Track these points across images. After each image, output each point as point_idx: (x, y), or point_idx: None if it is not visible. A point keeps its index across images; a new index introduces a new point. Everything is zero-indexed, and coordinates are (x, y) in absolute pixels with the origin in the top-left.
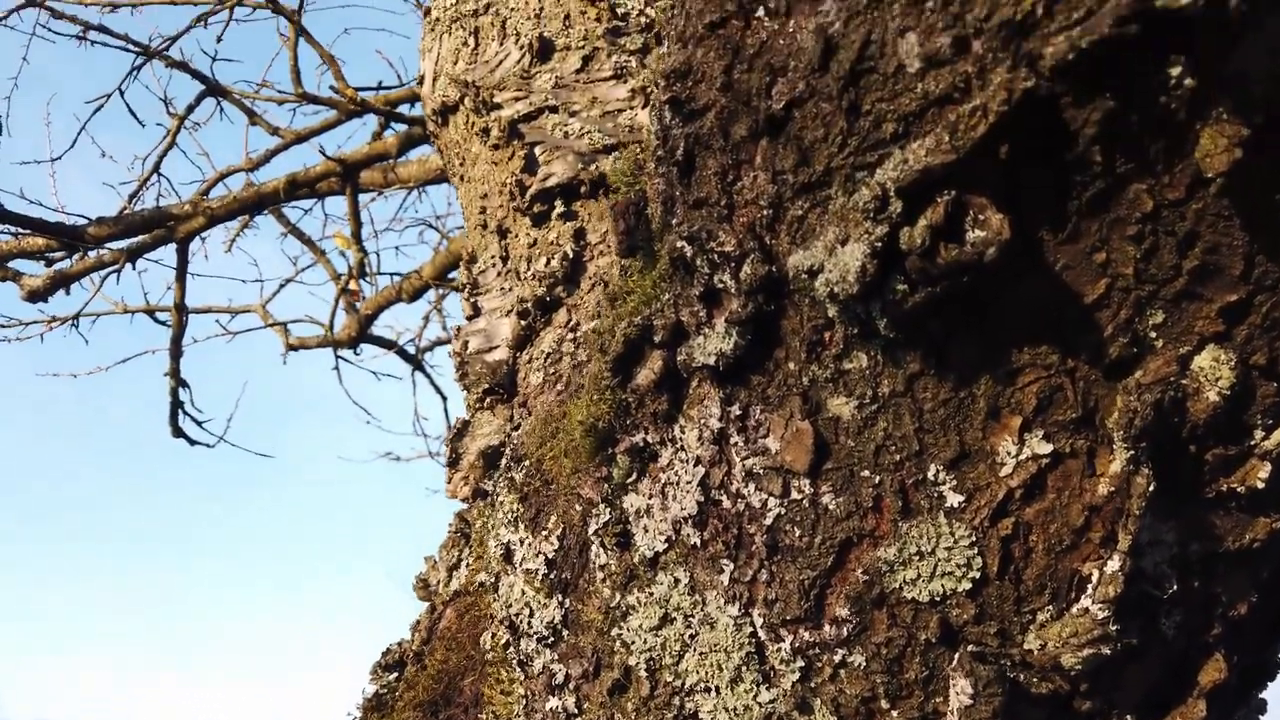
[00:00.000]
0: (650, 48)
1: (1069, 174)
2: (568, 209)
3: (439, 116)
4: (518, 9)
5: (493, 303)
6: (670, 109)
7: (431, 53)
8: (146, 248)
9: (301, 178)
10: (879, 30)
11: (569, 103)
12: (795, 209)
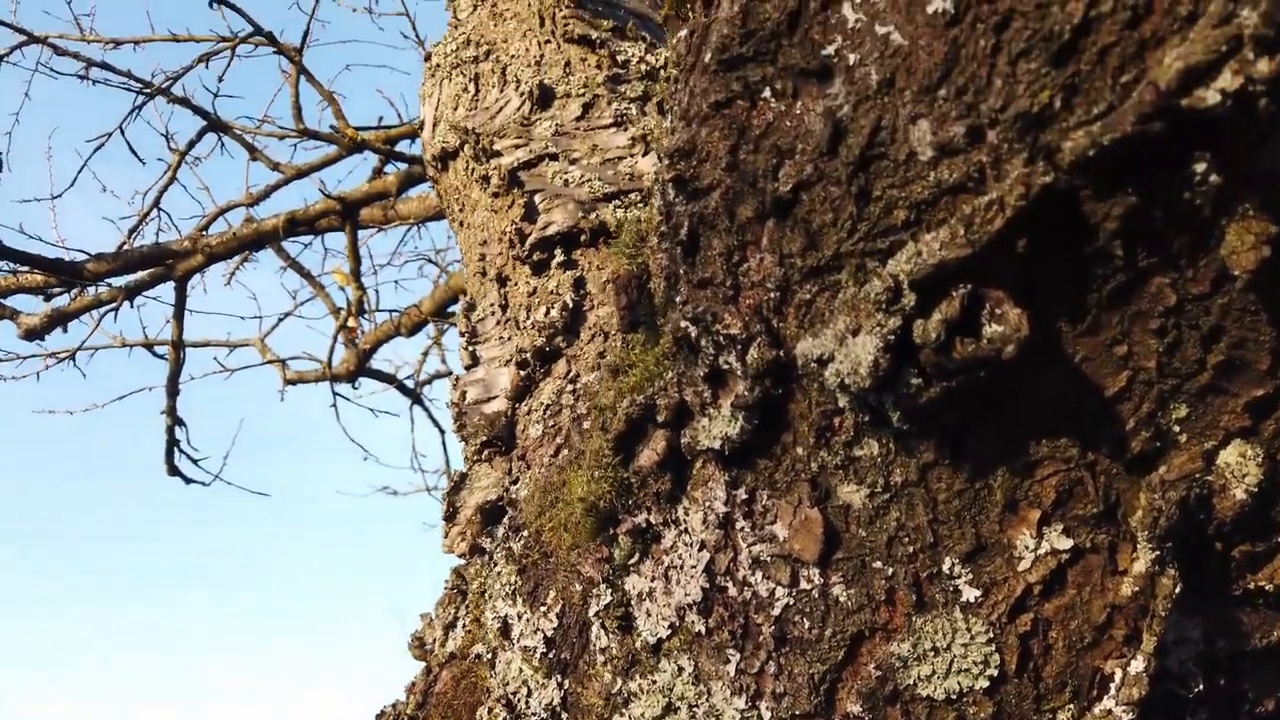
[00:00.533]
0: (650, 95)
1: (1089, 266)
2: (568, 257)
3: (439, 162)
4: (518, 56)
5: (491, 352)
6: (674, 187)
7: (431, 98)
8: (145, 286)
9: (301, 216)
10: (889, 116)
11: (569, 150)
12: (803, 293)
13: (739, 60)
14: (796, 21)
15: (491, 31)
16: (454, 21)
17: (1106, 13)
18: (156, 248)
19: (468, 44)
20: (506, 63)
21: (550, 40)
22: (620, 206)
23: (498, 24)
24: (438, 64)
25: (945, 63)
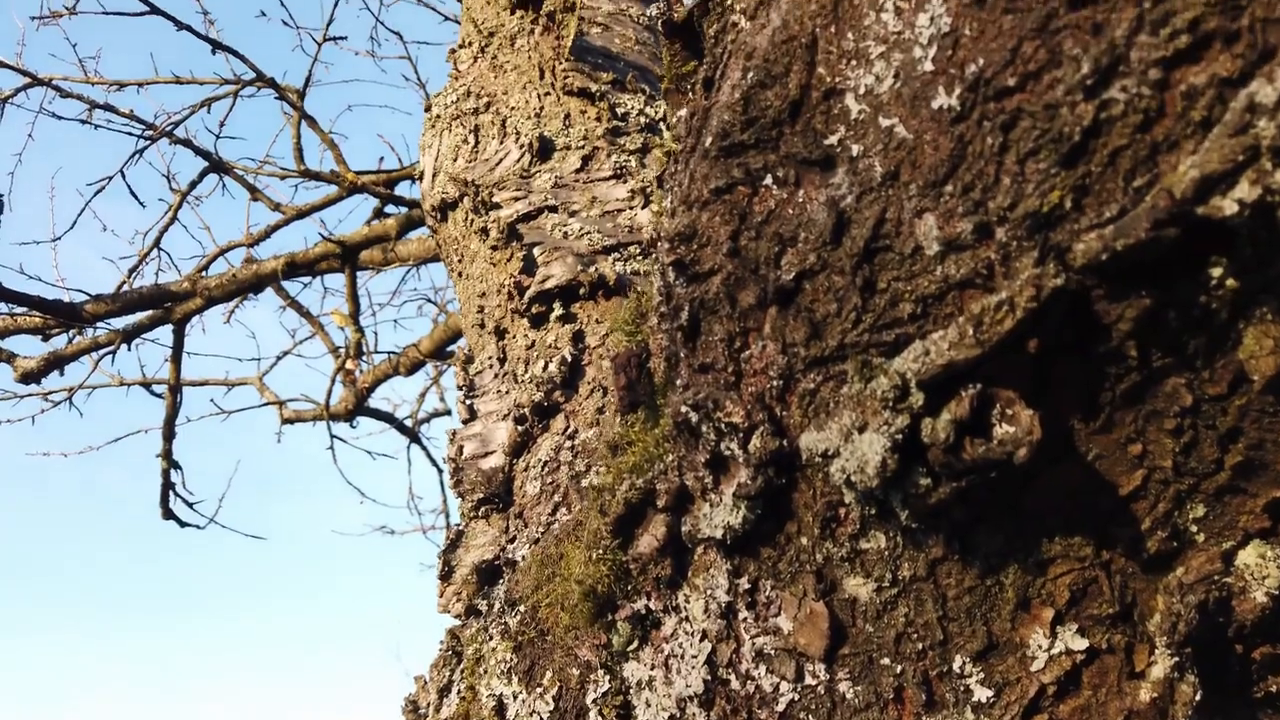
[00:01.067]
0: (650, 147)
1: (1101, 365)
2: (566, 311)
3: (438, 212)
4: (518, 108)
5: (489, 406)
6: (674, 270)
7: (431, 149)
8: (143, 329)
9: (300, 259)
10: (894, 209)
11: (568, 202)
12: (807, 382)
13: (740, 147)
14: (798, 110)
15: (492, 83)
16: (455, 73)
17: (1117, 115)
18: (156, 289)
19: (468, 95)
20: (506, 115)
21: (550, 93)
22: (620, 259)
23: (498, 76)
24: (438, 115)
25: (951, 159)
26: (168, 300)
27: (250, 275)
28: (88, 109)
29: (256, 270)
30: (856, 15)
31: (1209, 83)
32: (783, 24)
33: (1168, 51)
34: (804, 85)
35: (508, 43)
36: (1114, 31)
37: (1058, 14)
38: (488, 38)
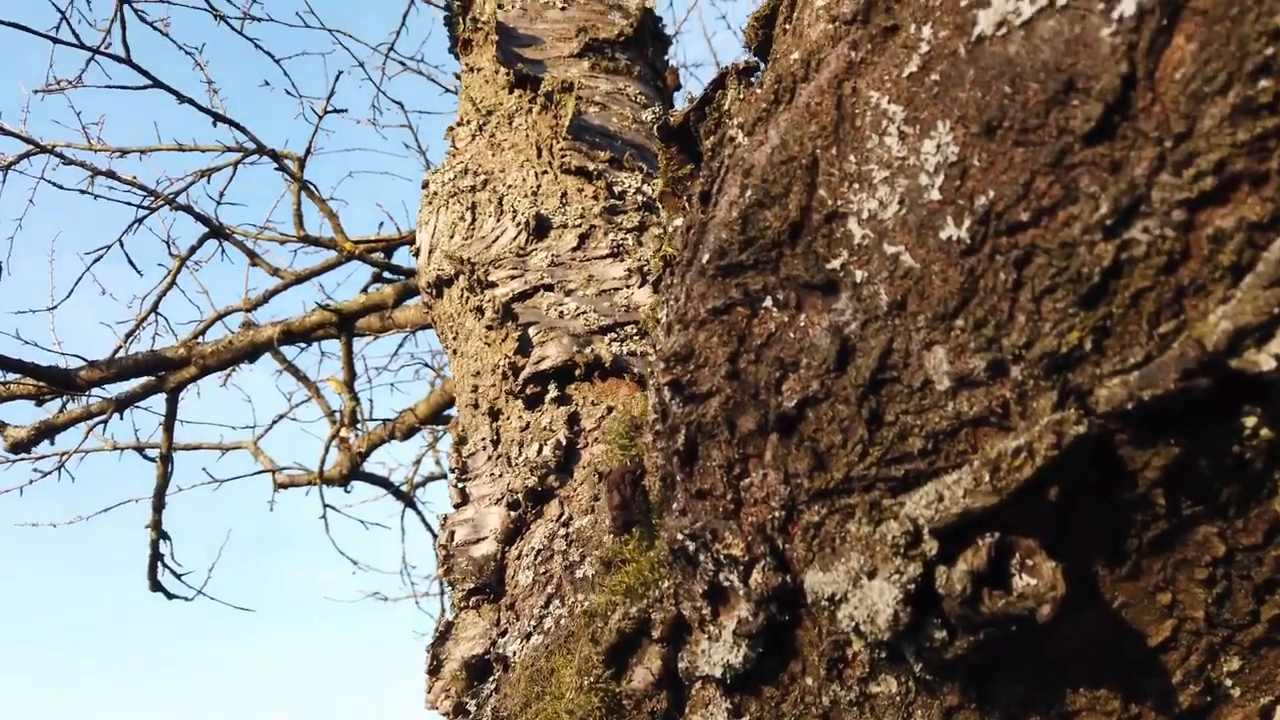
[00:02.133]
0: (647, 225)
1: (1127, 511)
2: (561, 393)
3: (434, 289)
4: (515, 186)
5: (482, 489)
6: (671, 390)
7: (428, 225)
8: (136, 397)
9: (297, 328)
10: (902, 340)
11: (564, 281)
12: (811, 514)
13: (738, 267)
14: (799, 233)
15: (489, 161)
16: (453, 150)
17: (1139, 256)
18: (151, 355)
19: (465, 173)
20: (503, 192)
21: (547, 171)
22: (616, 339)
23: (496, 154)
24: (435, 191)
25: (962, 292)
26: (163, 367)
27: (246, 343)
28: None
29: (252, 338)
30: (859, 138)
31: (1237, 227)
32: (782, 143)
33: (1192, 193)
34: (804, 207)
35: (506, 121)
36: (1133, 170)
37: (1072, 149)
38: (486, 116)
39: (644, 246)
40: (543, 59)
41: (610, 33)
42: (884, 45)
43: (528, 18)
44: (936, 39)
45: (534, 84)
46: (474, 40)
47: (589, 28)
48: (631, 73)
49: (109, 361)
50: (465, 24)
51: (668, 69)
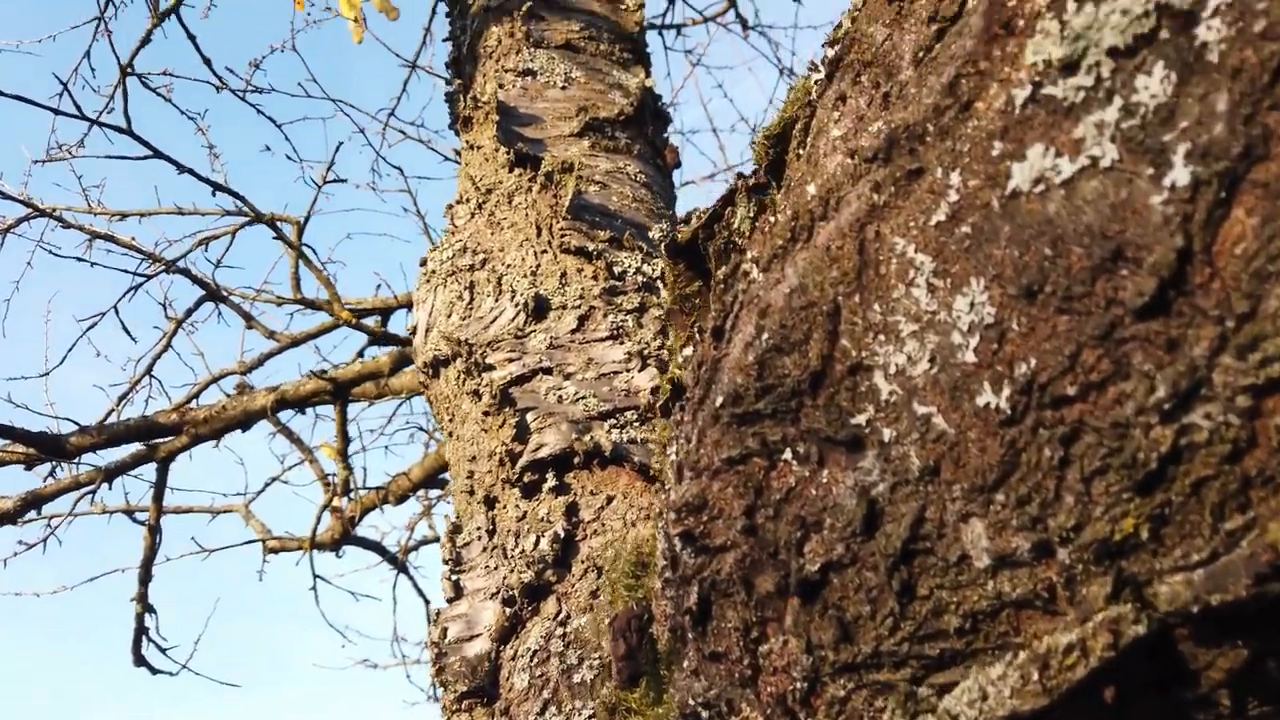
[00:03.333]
0: (647, 306)
1: (1187, 710)
2: (560, 481)
3: (430, 369)
4: (514, 266)
5: (476, 583)
6: (682, 540)
7: (425, 304)
8: (126, 467)
9: (291, 396)
10: (935, 509)
11: (564, 364)
12: (835, 688)
13: (755, 415)
14: (820, 383)
15: (488, 240)
16: (451, 228)
17: (1200, 443)
18: (143, 421)
19: (464, 251)
20: (502, 272)
21: (547, 250)
22: (616, 426)
23: (495, 233)
24: (433, 270)
25: (1002, 465)
26: (155, 433)
27: (239, 412)
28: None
29: (246, 406)
30: (883, 286)
31: None
32: (800, 286)
33: (1258, 379)
34: (826, 356)
35: (505, 200)
36: (1192, 350)
37: (1123, 323)
38: (485, 194)
39: (644, 328)
40: (543, 138)
41: (611, 111)
42: (908, 189)
43: (528, 97)
44: (966, 188)
45: (534, 163)
46: (474, 118)
47: (589, 107)
48: (632, 151)
49: (99, 427)
50: (466, 102)
51: (668, 147)
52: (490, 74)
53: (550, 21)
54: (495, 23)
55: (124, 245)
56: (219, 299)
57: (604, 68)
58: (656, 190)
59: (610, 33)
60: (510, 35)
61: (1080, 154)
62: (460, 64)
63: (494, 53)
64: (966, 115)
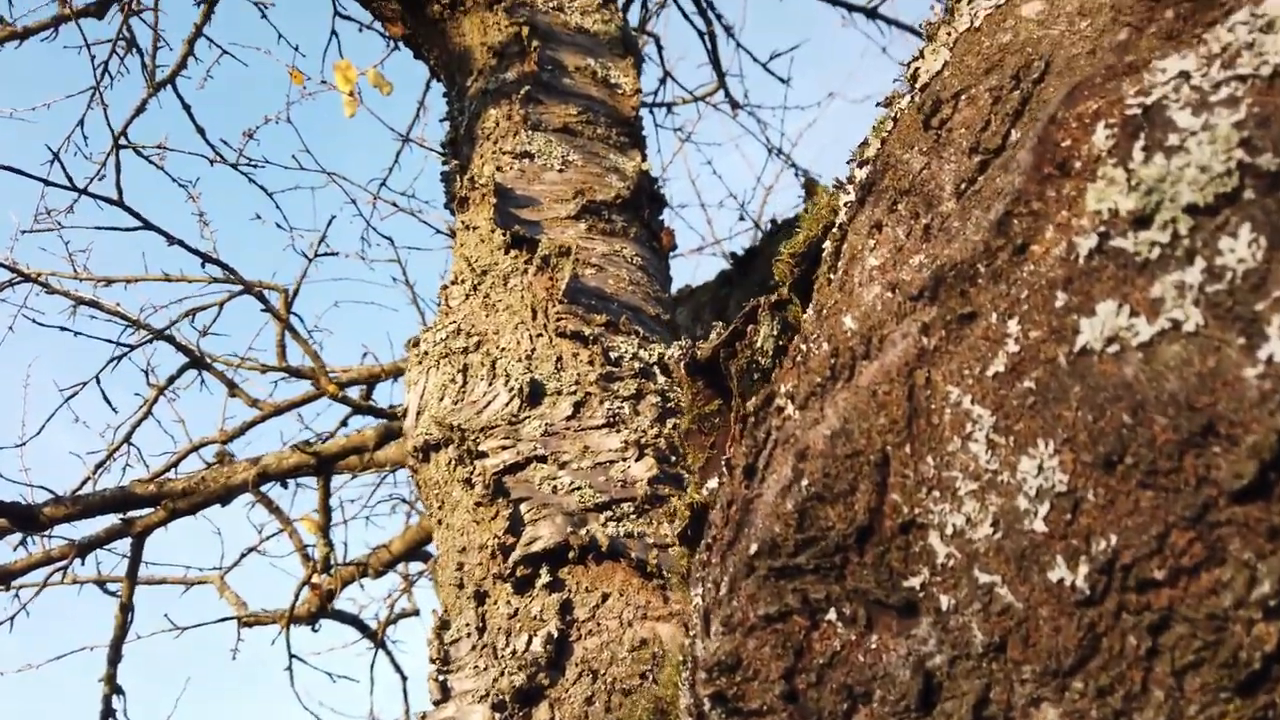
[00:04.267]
0: (644, 393)
1: None
2: (554, 577)
3: (420, 453)
4: (509, 349)
5: (465, 684)
6: (712, 702)
7: (417, 386)
8: (100, 542)
9: (273, 470)
10: (1001, 690)
11: (558, 452)
12: None
13: (794, 570)
14: (867, 538)
15: (483, 322)
16: (445, 309)
17: None
18: (120, 492)
19: (458, 333)
20: (497, 355)
21: (543, 334)
22: (612, 518)
23: (490, 315)
24: (426, 351)
25: (1079, 650)
26: (131, 504)
27: (219, 486)
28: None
29: (225, 481)
30: (936, 438)
31: None
32: (844, 431)
33: None
34: (874, 510)
35: (501, 281)
36: None
37: (1217, 504)
38: (481, 275)
39: (641, 415)
40: (540, 220)
41: (607, 194)
42: (960, 334)
43: (525, 179)
44: (1027, 339)
45: (531, 245)
46: (471, 198)
47: (586, 190)
48: (628, 234)
49: (74, 498)
50: (463, 182)
51: (663, 230)
52: (488, 155)
53: (548, 105)
54: (494, 105)
55: (109, 312)
56: (203, 366)
57: (601, 151)
58: (652, 273)
59: (607, 116)
60: (508, 118)
61: (1159, 315)
62: (457, 144)
63: (492, 134)
64: (1021, 258)
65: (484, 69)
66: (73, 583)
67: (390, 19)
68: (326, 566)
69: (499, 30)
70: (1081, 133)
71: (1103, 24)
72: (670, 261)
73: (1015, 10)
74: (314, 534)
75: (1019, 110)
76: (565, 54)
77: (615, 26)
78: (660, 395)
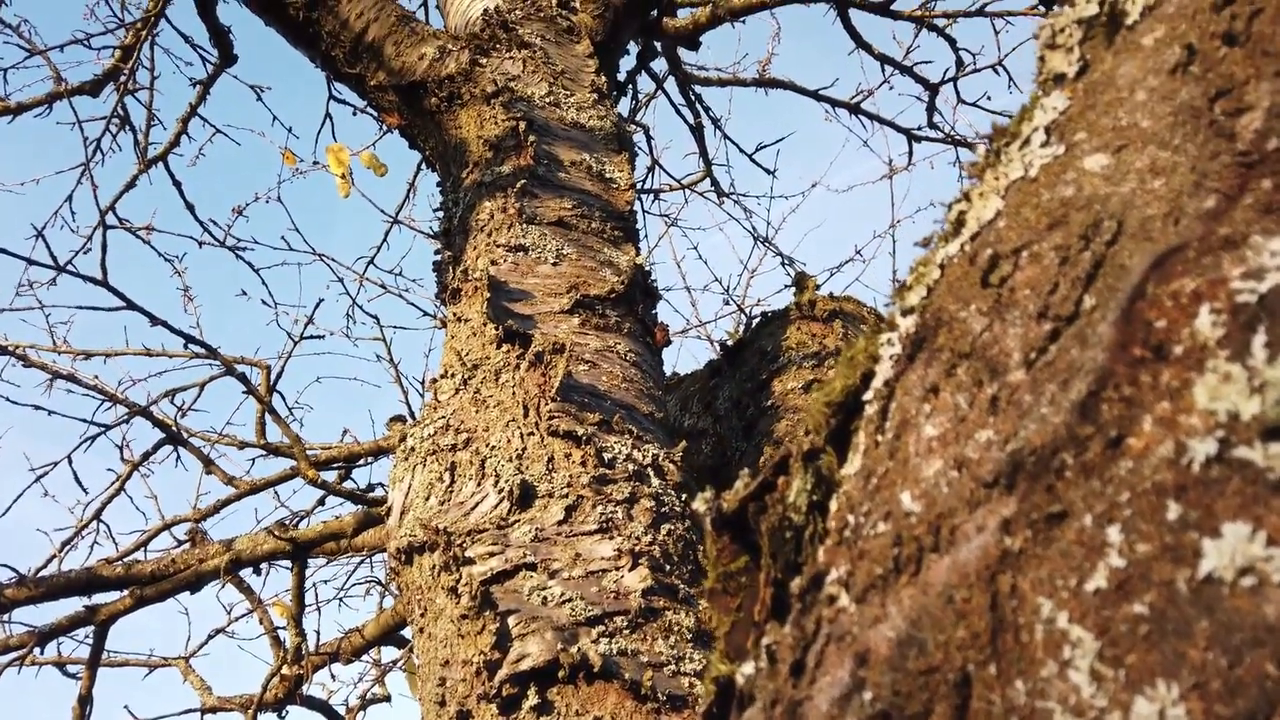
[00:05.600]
0: (638, 496)
1: None
2: (542, 699)
3: (403, 555)
4: (499, 448)
5: None
6: None
7: (402, 483)
8: (62, 630)
9: (247, 556)
10: None
11: (549, 559)
12: None
13: None
14: None
15: (473, 418)
16: (434, 403)
17: None
18: (86, 573)
19: (446, 429)
20: (486, 454)
21: (534, 433)
22: (605, 634)
23: (480, 411)
24: (412, 447)
25: None
26: (97, 586)
27: (190, 572)
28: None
29: (197, 567)
30: (1027, 659)
31: None
32: (914, 639)
33: None
34: None
35: (492, 377)
36: None
37: None
38: (471, 370)
39: (634, 521)
40: (533, 314)
41: (601, 289)
42: (1050, 535)
43: (519, 272)
44: (1133, 552)
45: (524, 340)
46: (463, 290)
47: (580, 284)
48: (621, 329)
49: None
50: (455, 274)
51: (657, 325)
52: (482, 248)
53: (543, 198)
54: (488, 198)
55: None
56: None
57: (595, 245)
58: (646, 369)
59: (602, 211)
60: (503, 210)
61: None
62: (451, 235)
63: (486, 226)
64: (1116, 452)
65: (479, 161)
66: (32, 664)
67: (387, 109)
68: (298, 657)
69: (495, 124)
70: (1179, 314)
71: (1180, 185)
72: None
73: (1077, 163)
74: (285, 619)
75: (1091, 274)
76: (560, 148)
77: (610, 122)
78: (654, 499)
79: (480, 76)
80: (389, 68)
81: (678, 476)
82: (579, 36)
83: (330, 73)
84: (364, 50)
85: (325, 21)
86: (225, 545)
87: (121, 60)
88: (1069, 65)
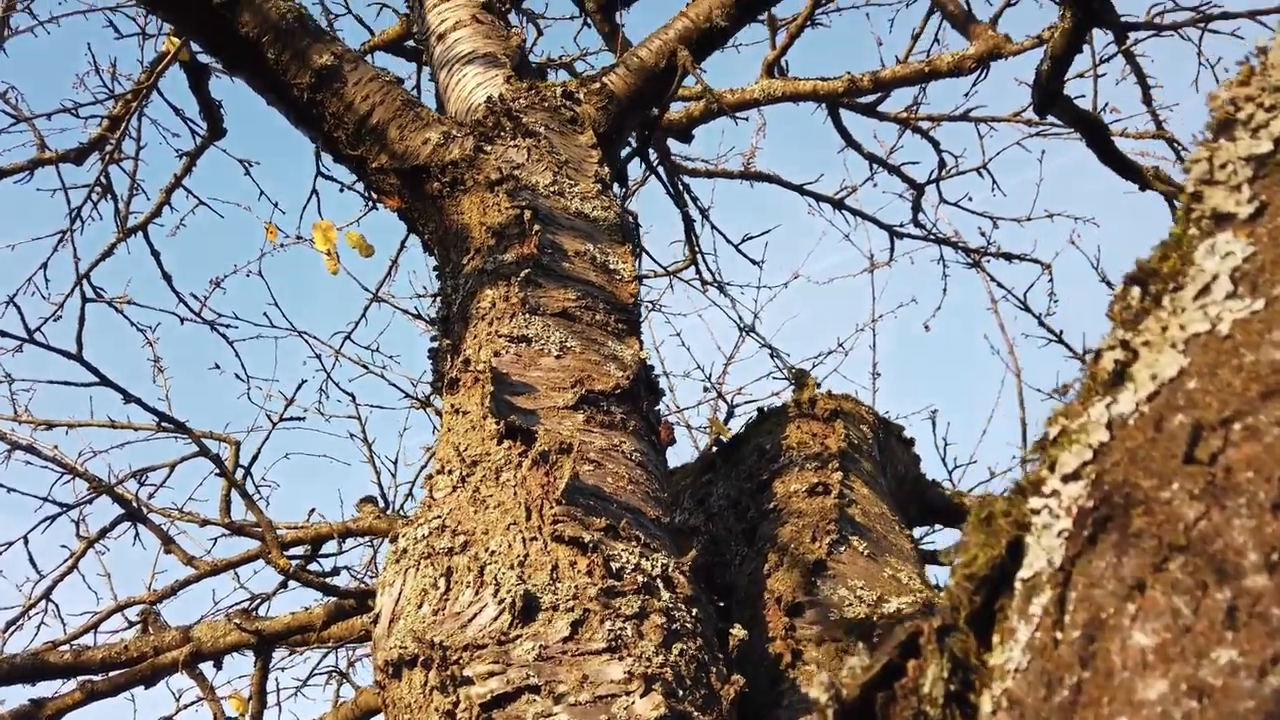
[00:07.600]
0: (648, 611)
1: None
2: None
3: (391, 668)
4: (499, 553)
5: None
6: None
7: (393, 588)
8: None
9: (208, 647)
10: None
11: (554, 681)
12: None
13: None
14: None
15: (471, 519)
16: (429, 501)
17: None
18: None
19: (442, 530)
20: (485, 560)
21: (537, 538)
22: None
23: (479, 512)
24: (405, 549)
25: None
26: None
27: (146, 666)
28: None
29: (154, 663)
30: None
31: None
32: None
33: None
34: None
35: (492, 475)
36: None
37: None
38: (470, 467)
39: (645, 640)
40: (536, 409)
41: (606, 384)
42: None
43: (522, 364)
44: None
45: (527, 437)
46: (462, 381)
47: (585, 378)
48: (626, 427)
49: None
50: (454, 363)
51: (661, 424)
52: (483, 337)
53: (547, 288)
54: (490, 286)
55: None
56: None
57: (599, 337)
58: (651, 470)
59: (606, 303)
60: (505, 299)
61: None
62: (449, 322)
63: (487, 315)
64: None
65: (481, 248)
66: None
67: (387, 192)
68: None
69: (499, 211)
70: None
71: None
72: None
73: None
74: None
75: None
76: (565, 238)
77: (614, 213)
78: (665, 614)
79: (484, 163)
80: (392, 151)
81: (688, 589)
82: (582, 127)
83: (331, 153)
84: (367, 133)
85: (330, 104)
86: (184, 634)
87: (109, 130)
88: (1238, 205)
